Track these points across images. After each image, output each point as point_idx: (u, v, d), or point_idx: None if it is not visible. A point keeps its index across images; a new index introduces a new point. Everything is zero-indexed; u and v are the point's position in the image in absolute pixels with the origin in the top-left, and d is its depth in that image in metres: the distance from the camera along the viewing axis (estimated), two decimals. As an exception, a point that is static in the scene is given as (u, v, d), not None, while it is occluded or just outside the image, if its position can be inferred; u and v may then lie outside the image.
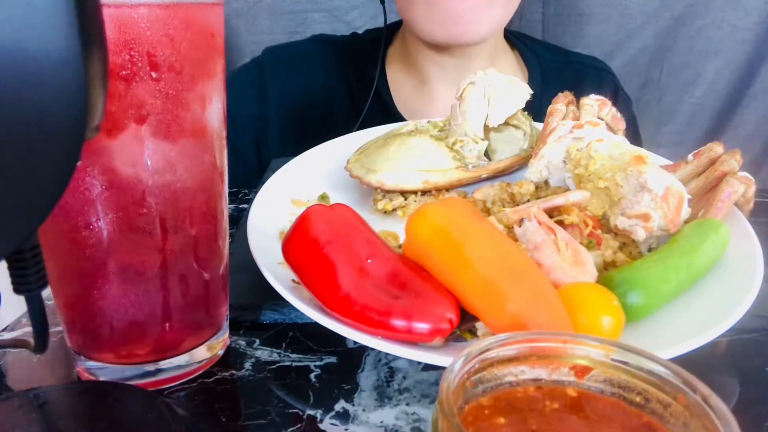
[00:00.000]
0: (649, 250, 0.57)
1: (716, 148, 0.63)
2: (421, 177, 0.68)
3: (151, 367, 0.45)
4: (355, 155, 0.73)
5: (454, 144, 0.70)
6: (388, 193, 0.70)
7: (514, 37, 1.13)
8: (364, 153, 0.72)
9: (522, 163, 0.73)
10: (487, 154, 0.72)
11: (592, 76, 0.76)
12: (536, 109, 0.76)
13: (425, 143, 0.69)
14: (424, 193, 0.70)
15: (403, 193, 0.70)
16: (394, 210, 0.68)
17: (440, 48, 0.99)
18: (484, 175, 0.71)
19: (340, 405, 0.44)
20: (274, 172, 0.72)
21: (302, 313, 0.48)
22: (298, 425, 0.42)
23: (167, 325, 0.45)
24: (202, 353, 0.47)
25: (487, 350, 0.32)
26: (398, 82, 1.08)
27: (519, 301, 0.42)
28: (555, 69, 1.08)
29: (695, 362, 0.37)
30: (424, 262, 0.49)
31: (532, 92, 0.73)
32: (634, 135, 1.07)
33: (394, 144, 0.69)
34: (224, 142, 0.46)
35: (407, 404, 0.44)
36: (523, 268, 0.45)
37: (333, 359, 0.49)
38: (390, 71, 1.09)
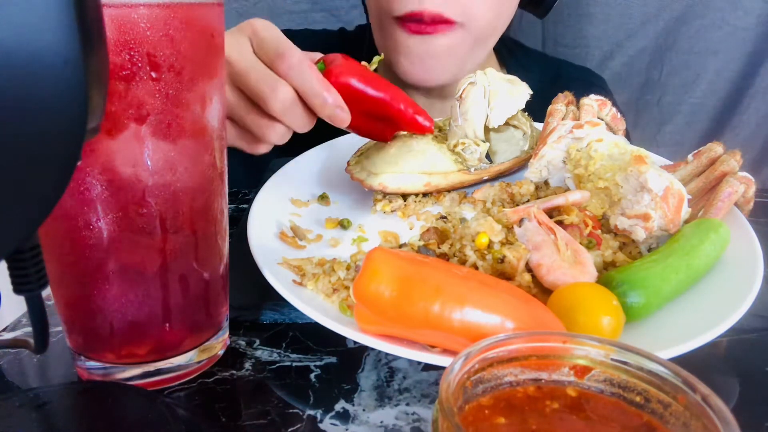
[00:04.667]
0: (649, 250, 0.57)
1: (716, 148, 0.63)
2: (423, 180, 0.68)
3: (151, 367, 0.45)
4: (355, 157, 0.73)
5: (455, 146, 0.70)
6: (387, 195, 0.70)
7: (504, 47, 1.10)
8: (364, 155, 0.72)
9: (522, 163, 0.73)
10: (488, 155, 0.72)
11: (579, 92, 0.76)
12: None
13: (426, 145, 0.69)
14: (424, 194, 0.70)
15: (403, 195, 0.70)
16: (393, 211, 0.68)
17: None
18: (485, 177, 0.71)
19: (340, 405, 0.44)
20: (274, 172, 0.72)
21: (302, 313, 0.48)
22: (298, 425, 0.42)
23: (167, 325, 0.45)
24: (202, 353, 0.47)
25: (487, 350, 0.32)
26: None
27: (498, 310, 0.41)
28: (542, 84, 1.05)
29: (695, 362, 0.37)
30: (391, 331, 0.45)
31: (531, 92, 0.73)
32: None
33: (394, 146, 0.69)
34: (224, 142, 0.46)
35: (407, 404, 0.44)
36: (487, 283, 0.44)
37: (333, 359, 0.49)
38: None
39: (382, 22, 0.89)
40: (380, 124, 0.66)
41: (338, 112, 0.59)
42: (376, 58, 0.67)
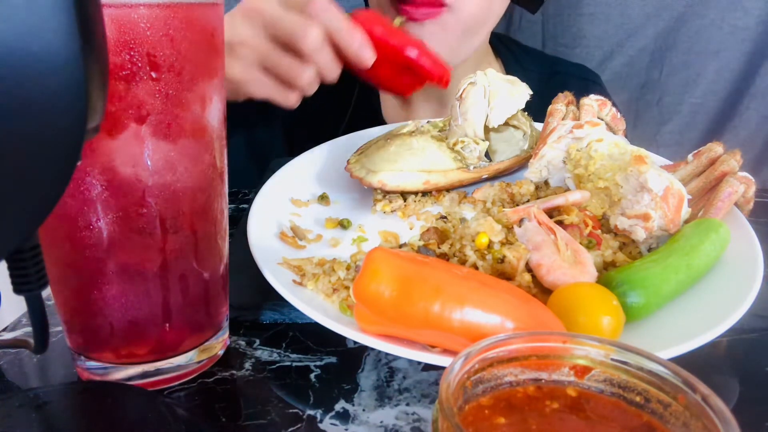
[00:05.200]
0: (649, 250, 0.57)
1: (716, 148, 0.63)
2: (422, 178, 0.68)
3: (151, 367, 0.45)
4: (355, 156, 0.73)
5: (455, 145, 0.70)
6: (387, 194, 0.70)
7: (501, 44, 1.11)
8: (364, 153, 0.72)
9: (522, 163, 0.73)
10: (487, 154, 0.72)
11: (576, 87, 0.77)
12: None
13: (426, 144, 0.69)
14: (424, 193, 0.70)
15: (403, 194, 0.70)
16: (393, 211, 0.68)
17: None
18: (485, 176, 0.71)
19: (340, 405, 0.44)
20: (274, 172, 0.72)
21: (302, 313, 0.48)
22: (298, 425, 0.42)
23: (167, 325, 0.45)
24: (202, 353, 0.47)
25: (487, 350, 0.32)
26: None
27: (498, 310, 0.41)
28: (539, 81, 1.06)
29: (695, 362, 0.37)
30: (391, 331, 0.45)
31: (531, 92, 0.73)
32: None
33: (394, 144, 0.69)
34: (224, 142, 0.46)
35: (407, 404, 0.44)
36: (487, 283, 0.44)
37: (333, 359, 0.49)
38: None
39: (381, 7, 0.93)
40: (400, 76, 0.71)
41: (363, 50, 0.66)
42: (398, 19, 0.71)
